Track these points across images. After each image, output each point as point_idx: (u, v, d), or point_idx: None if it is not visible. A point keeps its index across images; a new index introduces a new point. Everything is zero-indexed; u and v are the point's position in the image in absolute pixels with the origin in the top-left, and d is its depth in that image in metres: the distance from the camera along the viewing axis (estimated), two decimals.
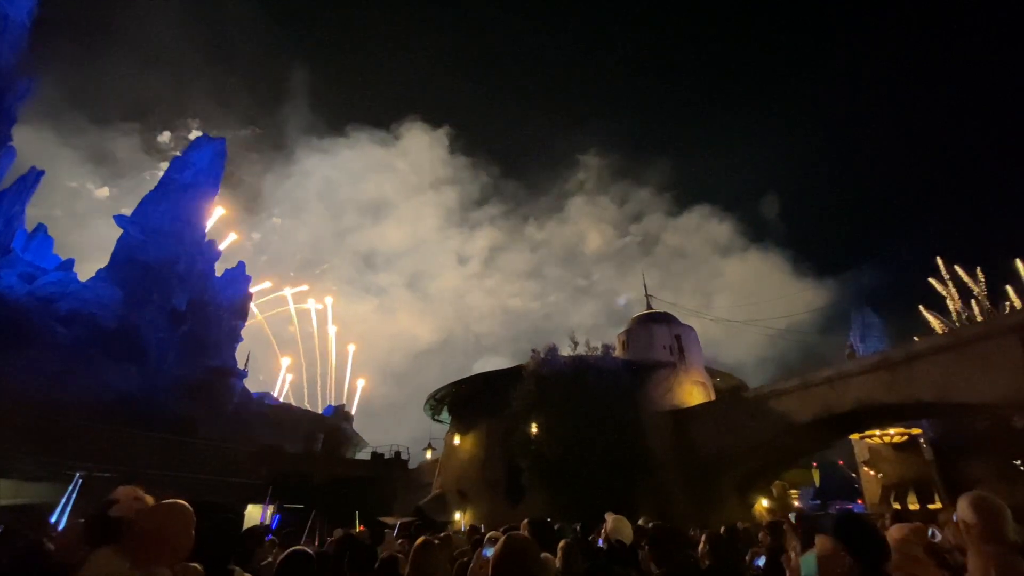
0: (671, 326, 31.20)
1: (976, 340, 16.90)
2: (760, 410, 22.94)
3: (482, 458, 28.56)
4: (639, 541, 5.39)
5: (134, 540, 2.28)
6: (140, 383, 31.27)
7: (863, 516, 2.76)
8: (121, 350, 31.14)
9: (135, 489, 2.66)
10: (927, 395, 17.98)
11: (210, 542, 2.65)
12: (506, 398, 24.86)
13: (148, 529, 2.30)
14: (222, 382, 37.89)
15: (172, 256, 36.58)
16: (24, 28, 32.64)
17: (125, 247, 36.06)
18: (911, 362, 18.48)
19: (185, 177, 40.26)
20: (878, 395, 19.29)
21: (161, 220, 37.50)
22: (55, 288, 32.12)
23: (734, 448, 23.33)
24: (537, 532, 4.69)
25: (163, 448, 26.47)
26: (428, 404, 34.85)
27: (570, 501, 20.06)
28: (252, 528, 6.45)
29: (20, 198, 33.55)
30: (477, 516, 24.74)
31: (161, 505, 2.43)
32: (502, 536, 2.45)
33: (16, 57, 32.09)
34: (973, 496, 2.55)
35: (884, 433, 32.42)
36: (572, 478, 21.43)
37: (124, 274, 34.29)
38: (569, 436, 22.20)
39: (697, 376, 29.48)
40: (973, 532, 2.46)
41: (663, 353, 29.44)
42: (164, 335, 34.79)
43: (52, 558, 3.05)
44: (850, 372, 20.60)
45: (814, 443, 26.16)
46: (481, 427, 29.56)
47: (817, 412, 20.99)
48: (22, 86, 32.52)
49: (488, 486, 27.02)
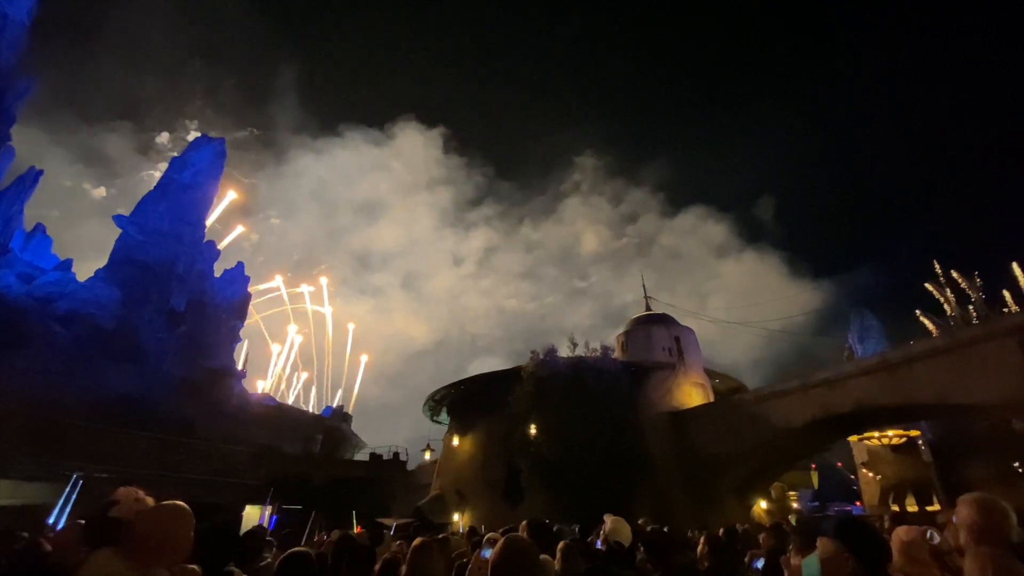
0: (670, 327, 31.23)
1: (975, 342, 16.92)
2: (759, 412, 22.94)
3: (481, 459, 28.55)
4: (637, 543, 5.38)
5: (133, 541, 2.28)
6: (138, 383, 31.20)
7: (864, 518, 2.77)
8: (119, 350, 31.08)
9: (135, 490, 2.66)
10: (926, 397, 18.00)
11: (209, 543, 2.65)
12: (505, 399, 24.85)
13: (147, 531, 2.29)
14: (221, 382, 37.83)
15: (171, 256, 36.53)
16: (24, 27, 32.63)
17: (124, 247, 36.00)
18: (910, 364, 18.50)
19: (185, 177, 40.21)
20: (877, 397, 19.31)
21: (160, 220, 37.44)
22: (53, 288, 32.06)
23: (733, 449, 23.33)
24: (536, 534, 4.69)
25: (161, 449, 26.40)
26: (427, 405, 34.83)
27: (569, 502, 20.05)
28: (254, 529, 6.44)
29: (19, 198, 33.48)
30: (476, 517, 24.71)
31: (161, 507, 2.43)
32: (501, 538, 2.44)
33: (15, 57, 32.07)
34: (976, 497, 2.53)
35: (883, 435, 32.43)
36: (571, 479, 21.43)
37: (123, 274, 34.23)
38: (568, 437, 22.20)
39: (696, 377, 29.50)
40: (973, 533, 2.44)
41: (662, 354, 29.46)
42: (163, 335, 34.74)
43: (49, 558, 3.05)
44: (849, 374, 20.62)
45: (813, 445, 26.18)
46: (480, 428, 29.55)
47: (816, 413, 21.00)
48: (21, 86, 32.50)
49: (487, 487, 27.00)
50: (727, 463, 23.49)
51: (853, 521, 2.61)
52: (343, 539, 4.45)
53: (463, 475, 29.36)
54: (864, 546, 2.38)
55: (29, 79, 32.88)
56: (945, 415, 25.78)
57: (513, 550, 2.25)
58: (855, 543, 2.39)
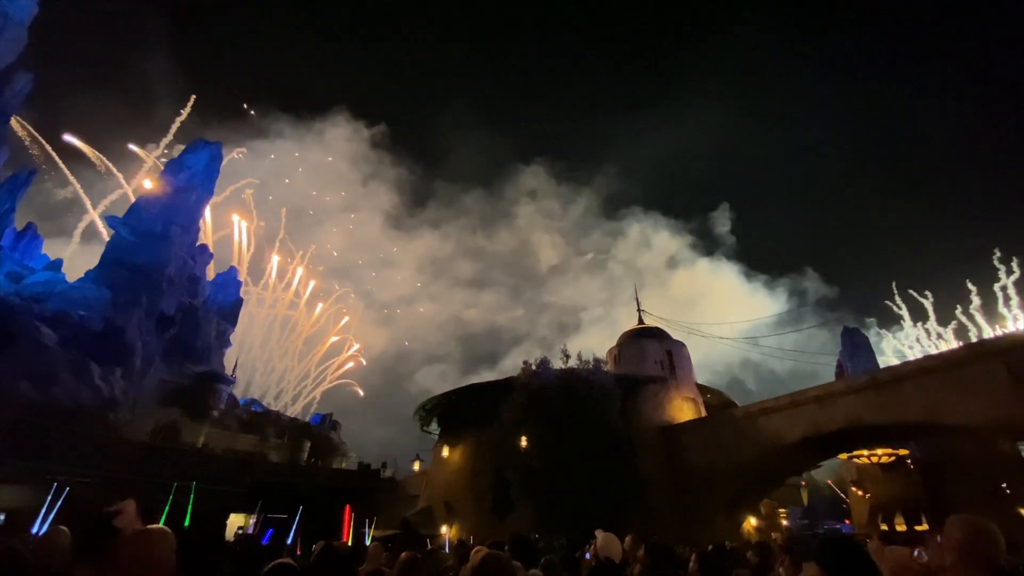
0: (663, 341, 31.28)
1: (964, 363, 17.09)
2: (749, 428, 22.96)
3: (470, 470, 28.30)
4: (628, 560, 5.34)
5: (118, 564, 2.27)
6: (124, 387, 30.76)
7: (848, 538, 2.72)
8: (106, 353, 30.63)
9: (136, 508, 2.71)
10: (914, 416, 18.11)
11: (194, 558, 2.62)
12: (496, 410, 24.72)
13: (134, 555, 2.29)
14: (208, 388, 37.35)
15: (162, 259, 36.22)
16: (24, 27, 32.59)
17: (115, 249, 35.68)
18: (899, 383, 18.64)
19: (180, 180, 40.05)
20: (866, 415, 19.40)
21: (153, 222, 37.18)
22: (42, 288, 31.68)
23: (723, 466, 23.28)
24: (519, 548, 4.66)
25: (145, 454, 26.01)
26: (417, 415, 34.57)
27: (558, 516, 19.90)
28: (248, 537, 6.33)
29: (11, 197, 33.22)
30: (464, 530, 24.44)
31: (148, 530, 2.44)
32: (483, 551, 2.45)
33: (15, 56, 31.98)
34: (965, 519, 2.47)
35: (872, 453, 32.53)
36: (561, 492, 21.27)
37: (113, 276, 33.87)
38: (558, 450, 22.08)
39: (688, 392, 29.51)
40: (960, 555, 2.42)
41: (654, 368, 29.47)
42: (151, 339, 34.34)
43: (30, 566, 2.98)
44: (838, 392, 20.72)
45: (803, 462, 26.20)
46: (470, 439, 29.33)
47: (806, 431, 21.05)
48: (20, 85, 32.39)
49: (476, 499, 26.73)
50: (717, 479, 23.42)
51: (836, 543, 2.54)
52: (325, 550, 4.39)
53: (452, 486, 29.07)
54: (845, 569, 2.33)
55: (27, 79, 32.79)
56: (933, 435, 25.91)
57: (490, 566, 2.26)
58: (835, 567, 2.34)
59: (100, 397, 28.69)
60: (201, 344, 38.79)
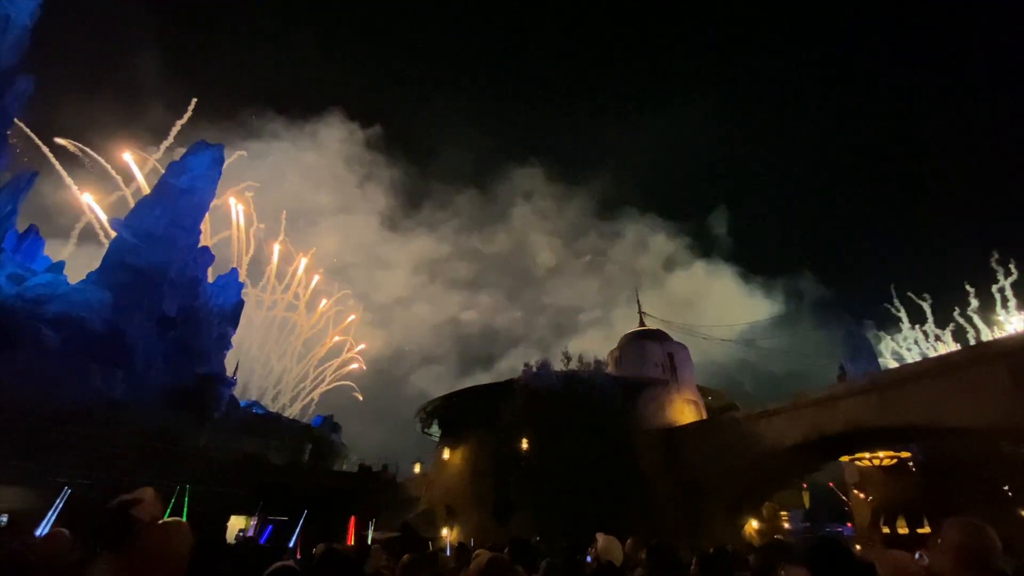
0: (664, 343, 31.25)
1: (965, 366, 17.06)
2: (751, 431, 22.92)
3: (471, 473, 28.26)
4: (629, 563, 5.34)
5: (136, 555, 2.26)
6: (126, 389, 30.82)
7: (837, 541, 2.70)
8: (108, 355, 30.71)
9: (156, 494, 2.68)
10: (917, 419, 18.07)
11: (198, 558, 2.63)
12: (497, 412, 24.69)
13: (152, 546, 2.28)
14: (209, 389, 37.37)
15: (164, 261, 36.31)
16: (25, 29, 32.72)
17: (117, 251, 35.79)
18: (900, 385, 18.60)
19: (182, 182, 40.14)
20: (868, 418, 19.35)
21: (155, 224, 37.27)
22: (44, 290, 31.75)
23: (725, 468, 23.24)
24: (519, 552, 4.66)
25: (146, 455, 26.02)
26: (418, 417, 34.56)
27: (559, 518, 19.87)
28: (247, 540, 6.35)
29: (13, 199, 33.31)
30: (465, 532, 24.42)
31: (167, 523, 2.43)
32: (486, 555, 2.46)
33: (16, 58, 32.12)
34: (963, 521, 2.47)
35: (874, 456, 32.43)
36: (561, 495, 21.23)
37: (115, 278, 33.96)
38: (559, 452, 22.04)
39: (689, 394, 29.47)
40: (958, 558, 2.42)
41: (655, 370, 29.43)
42: (152, 340, 34.40)
43: (34, 569, 2.99)
44: (840, 394, 20.67)
45: (804, 465, 26.11)
46: (471, 441, 29.30)
47: (808, 433, 21.01)
48: (21, 87, 32.51)
49: (477, 502, 26.68)
50: (719, 481, 23.37)
51: (824, 545, 2.52)
52: (327, 553, 4.39)
53: (453, 489, 29.03)
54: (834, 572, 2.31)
55: (28, 80, 32.91)
56: (935, 437, 25.85)
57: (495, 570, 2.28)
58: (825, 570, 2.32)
59: (102, 399, 28.73)
60: (202, 346, 38.83)
